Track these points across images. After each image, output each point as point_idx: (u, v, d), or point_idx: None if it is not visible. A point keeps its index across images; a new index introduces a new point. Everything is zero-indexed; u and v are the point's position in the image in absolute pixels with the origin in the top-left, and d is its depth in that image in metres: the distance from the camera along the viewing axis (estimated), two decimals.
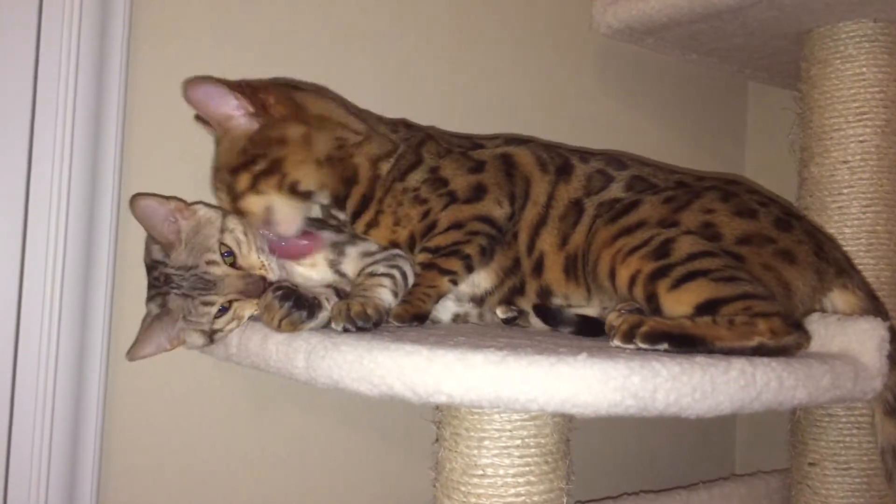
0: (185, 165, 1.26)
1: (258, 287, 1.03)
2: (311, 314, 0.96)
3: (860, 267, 1.40)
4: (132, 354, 1.07)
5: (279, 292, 0.96)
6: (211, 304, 1.02)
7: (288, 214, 1.14)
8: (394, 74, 1.49)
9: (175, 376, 1.25)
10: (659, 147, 1.88)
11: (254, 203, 1.13)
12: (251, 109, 1.12)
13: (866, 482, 1.35)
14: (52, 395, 1.14)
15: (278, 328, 0.95)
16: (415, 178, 1.18)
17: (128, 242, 1.20)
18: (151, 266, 1.07)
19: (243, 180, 1.13)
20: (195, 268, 1.03)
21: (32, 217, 1.14)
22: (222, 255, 1.04)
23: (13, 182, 1.13)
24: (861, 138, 1.44)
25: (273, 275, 1.06)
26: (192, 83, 1.12)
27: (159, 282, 1.05)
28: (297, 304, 0.95)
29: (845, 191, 1.44)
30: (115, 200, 1.19)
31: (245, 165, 1.13)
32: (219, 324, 1.04)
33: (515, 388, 0.79)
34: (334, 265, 1.14)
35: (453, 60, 1.57)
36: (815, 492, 1.39)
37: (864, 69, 1.45)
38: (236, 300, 1.03)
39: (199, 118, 1.20)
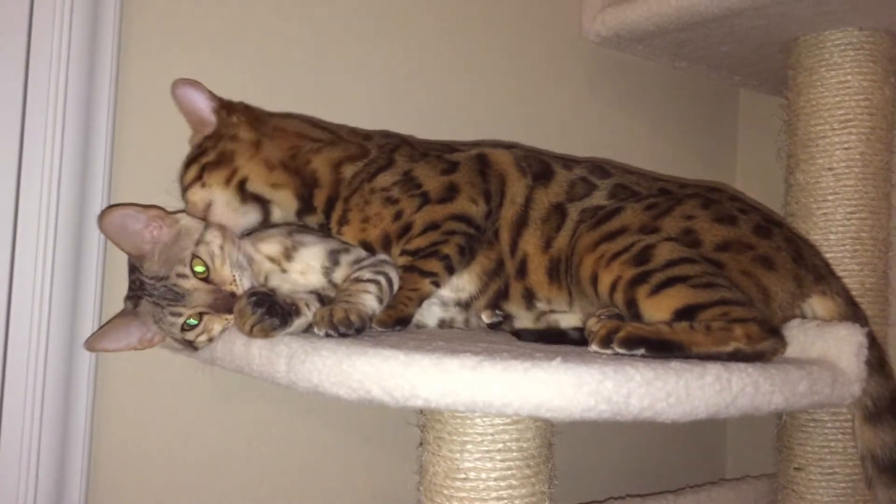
0: (175, 163, 1.27)
1: (226, 303, 1.04)
2: (284, 322, 0.97)
3: (845, 273, 1.41)
4: (89, 344, 1.10)
5: (253, 298, 0.97)
6: (178, 315, 1.04)
7: (226, 214, 1.15)
8: (383, 82, 1.50)
9: (164, 377, 1.27)
10: (650, 154, 1.89)
11: (196, 195, 1.15)
12: (214, 105, 1.18)
13: (851, 487, 1.36)
14: (42, 393, 1.16)
15: (250, 334, 0.96)
16: (385, 179, 1.19)
17: None
18: (130, 269, 1.09)
19: (192, 171, 1.16)
20: (166, 279, 1.04)
21: (22, 217, 1.15)
22: (192, 268, 1.04)
23: (2, 185, 1.15)
24: (846, 145, 1.45)
25: (239, 287, 1.06)
26: (178, 82, 1.17)
27: (135, 285, 1.07)
28: (269, 311, 0.95)
29: (830, 197, 1.46)
30: (104, 199, 1.21)
31: (196, 158, 1.17)
32: (189, 336, 1.05)
33: (490, 393, 0.81)
34: (328, 273, 1.15)
35: (443, 69, 1.58)
36: (800, 496, 1.40)
37: (850, 77, 1.46)
38: (206, 313, 1.04)
39: None
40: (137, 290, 1.06)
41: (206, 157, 1.17)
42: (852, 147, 1.45)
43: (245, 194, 1.17)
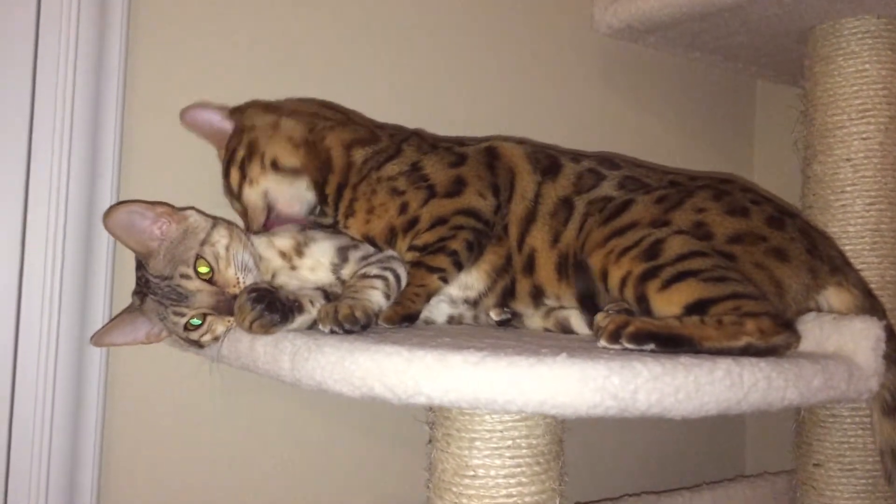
0: (183, 162, 1.28)
1: (229, 305, 1.02)
2: (285, 318, 0.96)
3: (864, 266, 1.39)
4: (96, 339, 1.10)
5: (253, 294, 0.96)
6: (182, 315, 1.03)
7: (284, 193, 1.17)
8: (394, 76, 1.49)
9: (173, 375, 1.27)
10: (665, 148, 1.87)
11: (251, 195, 1.17)
12: (226, 112, 1.19)
13: (871, 483, 1.34)
14: (52, 395, 1.16)
15: (249, 330, 0.95)
16: (392, 168, 1.18)
17: None
18: (137, 266, 1.09)
19: (234, 176, 1.18)
20: (170, 279, 1.03)
21: (32, 215, 1.16)
22: (196, 269, 1.03)
23: (11, 186, 1.16)
24: (864, 136, 1.42)
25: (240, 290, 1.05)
26: (183, 112, 1.19)
27: (141, 282, 1.07)
28: (269, 307, 0.94)
29: (848, 189, 1.43)
30: (113, 198, 1.21)
31: (230, 163, 1.18)
32: (193, 335, 1.04)
33: (493, 389, 0.79)
34: (337, 270, 1.14)
35: (453, 63, 1.57)
36: (819, 493, 1.38)
37: (868, 66, 1.44)
38: (209, 314, 1.04)
39: None
40: (143, 287, 1.06)
41: (239, 155, 1.18)
42: (871, 137, 1.42)
43: (285, 171, 1.17)
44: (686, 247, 1.03)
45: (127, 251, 1.15)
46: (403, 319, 1.06)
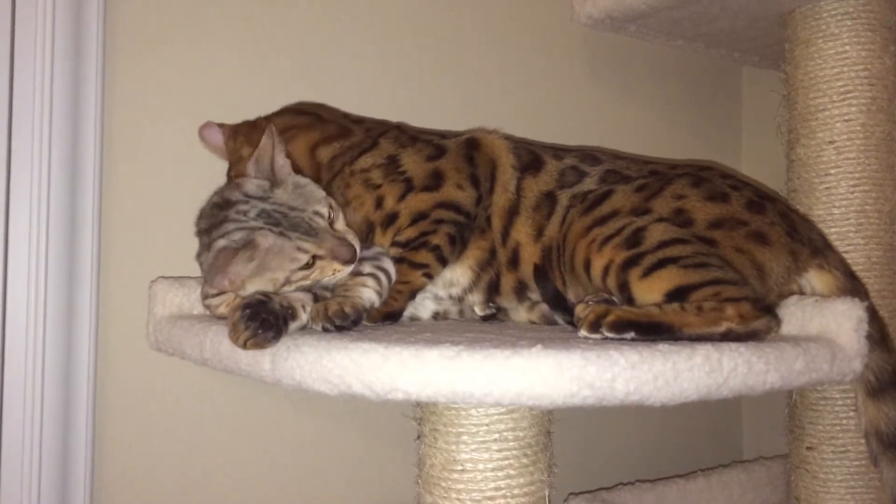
0: (166, 163, 1.29)
1: (348, 251, 1.03)
2: (279, 332, 0.94)
3: (850, 248, 1.39)
4: (208, 292, 1.09)
5: (247, 311, 0.94)
6: (305, 251, 1.01)
7: None
8: (374, 71, 1.49)
9: (161, 381, 1.27)
10: (653, 137, 1.87)
11: None
12: (224, 138, 1.22)
13: (864, 465, 1.33)
14: (41, 406, 1.16)
15: (244, 348, 0.94)
16: (366, 161, 1.18)
17: (111, 240, 1.24)
18: (237, 201, 1.05)
19: None
20: (301, 211, 1.03)
21: (13, 222, 1.17)
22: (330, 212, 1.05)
23: None
24: (846, 117, 1.42)
25: (357, 246, 1.05)
26: (199, 129, 1.22)
27: (245, 216, 1.03)
28: (263, 326, 0.93)
29: (832, 171, 1.43)
30: (96, 191, 1.22)
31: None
32: (296, 276, 1.02)
33: (470, 383, 0.80)
34: None
35: (432, 58, 1.57)
36: (813, 476, 1.38)
37: (847, 47, 1.43)
38: (321, 258, 1.03)
39: None
40: (248, 221, 1.02)
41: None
42: (853, 119, 1.42)
43: None
44: (667, 234, 1.03)
45: (112, 251, 1.20)
46: (385, 318, 1.06)
